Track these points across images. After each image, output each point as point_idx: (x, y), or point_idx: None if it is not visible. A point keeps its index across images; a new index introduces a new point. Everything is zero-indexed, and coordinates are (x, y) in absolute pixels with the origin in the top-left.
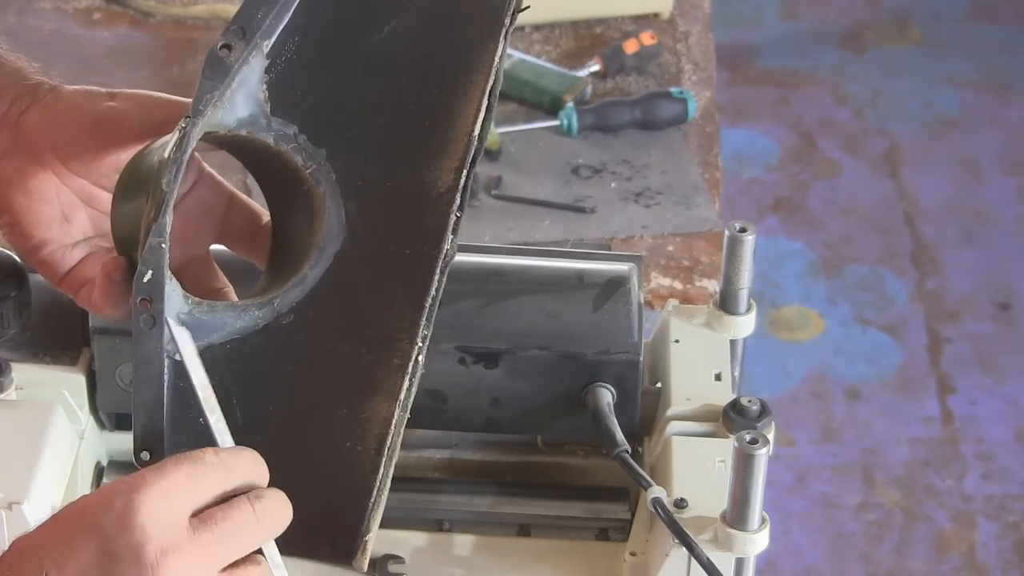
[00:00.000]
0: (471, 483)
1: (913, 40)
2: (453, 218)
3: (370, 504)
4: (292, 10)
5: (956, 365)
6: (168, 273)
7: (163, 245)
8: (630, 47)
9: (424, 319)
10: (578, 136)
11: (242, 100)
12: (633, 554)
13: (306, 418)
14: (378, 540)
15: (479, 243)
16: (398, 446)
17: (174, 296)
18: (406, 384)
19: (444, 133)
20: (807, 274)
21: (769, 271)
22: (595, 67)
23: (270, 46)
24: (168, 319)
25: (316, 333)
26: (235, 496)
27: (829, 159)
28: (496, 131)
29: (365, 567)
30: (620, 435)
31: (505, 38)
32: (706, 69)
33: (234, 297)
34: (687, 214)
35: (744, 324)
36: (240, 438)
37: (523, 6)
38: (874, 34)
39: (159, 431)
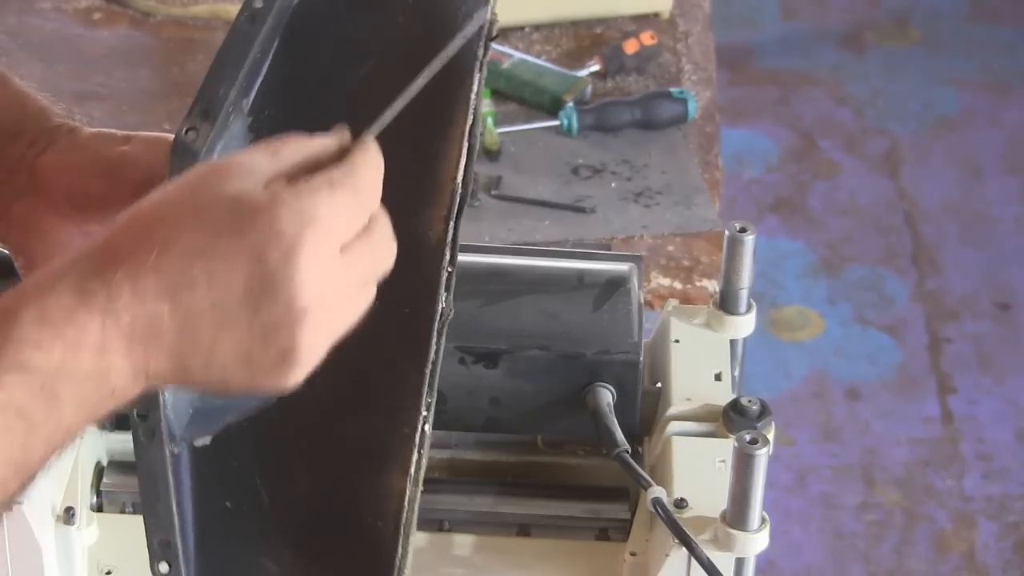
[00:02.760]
0: (471, 483)
1: (913, 40)
2: (444, 274)
3: None
4: (267, 64)
5: (956, 365)
6: None
7: None
8: (630, 47)
9: (427, 386)
10: (578, 136)
11: (232, 152)
12: (633, 554)
13: (328, 495)
14: None
15: (479, 243)
16: (414, 523)
17: (182, 388)
18: (415, 457)
19: (431, 178)
20: (807, 274)
21: (769, 271)
22: (595, 67)
23: (250, 104)
24: (170, 415)
25: (327, 403)
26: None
27: (829, 159)
28: (496, 131)
29: None
30: (620, 435)
31: (480, 70)
32: (706, 69)
33: None
34: (687, 214)
35: (744, 324)
36: (267, 518)
37: (494, 35)
38: (874, 34)
39: (175, 544)
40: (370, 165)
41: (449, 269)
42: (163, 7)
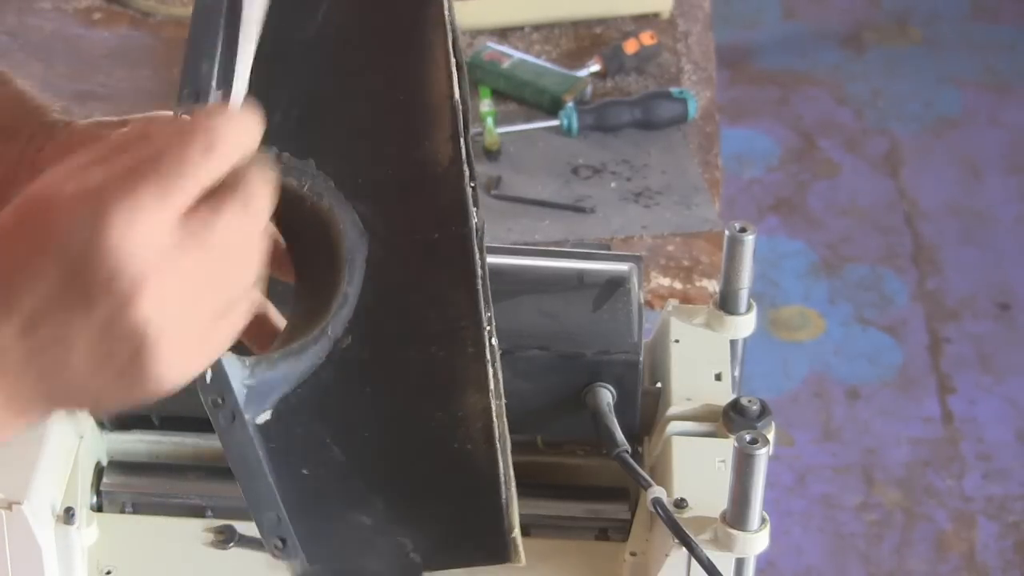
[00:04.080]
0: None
1: (913, 40)
2: (469, 190)
3: (503, 501)
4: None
5: (956, 365)
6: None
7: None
8: (630, 47)
9: (482, 300)
10: (578, 136)
11: None
12: (633, 554)
13: (405, 434)
14: None
15: None
16: (507, 435)
17: (232, 368)
18: (490, 371)
19: (423, 104)
20: (807, 274)
21: (769, 271)
22: (595, 67)
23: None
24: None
25: (379, 346)
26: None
27: (829, 159)
28: (496, 131)
29: (523, 560)
30: (620, 435)
31: None
32: (706, 69)
33: (281, 322)
34: (687, 214)
35: (744, 324)
36: (348, 474)
37: None
38: (874, 34)
39: (283, 517)
40: (211, 112)
41: (472, 184)
42: (163, 7)
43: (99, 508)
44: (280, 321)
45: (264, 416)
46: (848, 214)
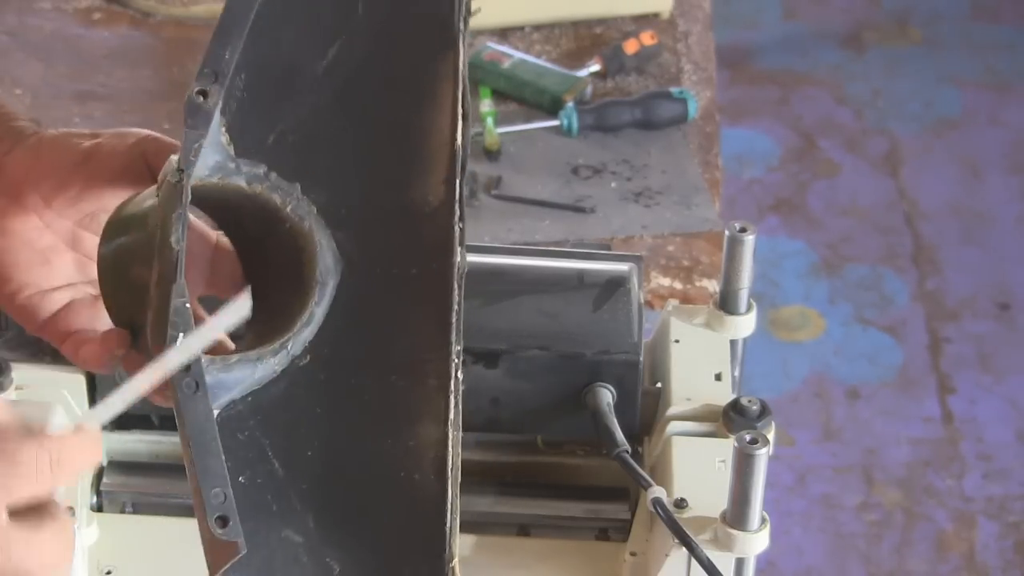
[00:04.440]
0: (471, 483)
1: (913, 40)
2: (457, 230)
3: (447, 529)
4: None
5: (956, 365)
6: (190, 304)
7: (187, 305)
8: (630, 47)
9: (454, 335)
10: (578, 136)
11: (208, 148)
12: (633, 554)
13: (350, 457)
14: None
15: (479, 243)
16: (459, 465)
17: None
18: (452, 402)
19: (423, 149)
20: (807, 274)
21: (769, 271)
22: (595, 67)
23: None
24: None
25: (337, 369)
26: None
27: (829, 159)
28: (496, 131)
29: None
30: (620, 435)
31: (463, 43)
32: (706, 69)
33: (231, 345)
34: (687, 214)
35: (744, 324)
36: (284, 489)
37: (474, 10)
38: (874, 34)
39: (231, 499)
40: (40, 443)
41: (461, 225)
42: (163, 7)
43: (99, 508)
44: None
45: None
46: (848, 214)
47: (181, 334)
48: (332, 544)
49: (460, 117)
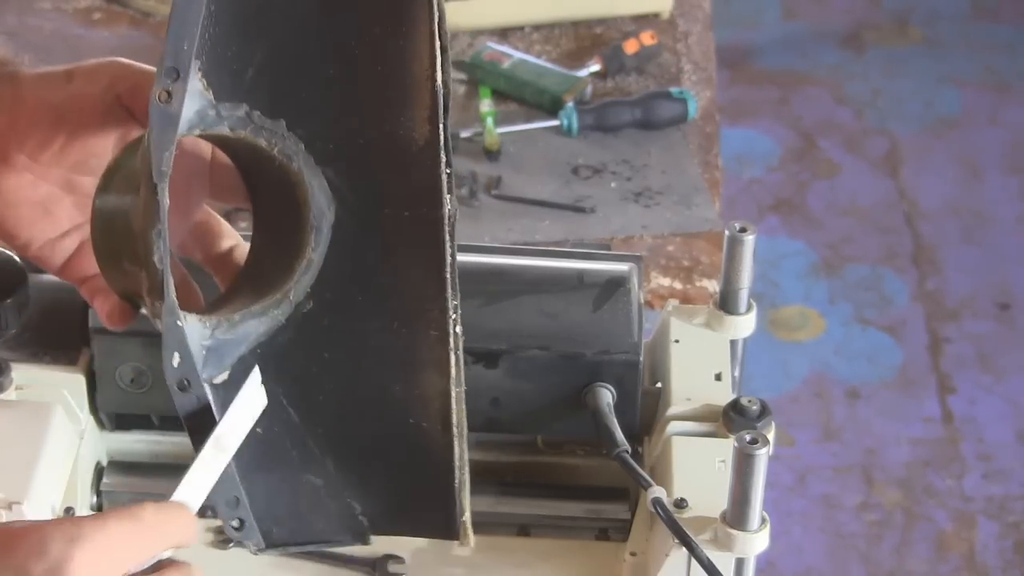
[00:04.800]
0: (471, 483)
1: (913, 40)
2: (444, 176)
3: (455, 485)
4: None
5: (956, 365)
6: (182, 316)
7: (178, 323)
8: (630, 47)
9: (449, 289)
10: (578, 136)
11: (188, 98)
12: (633, 554)
13: (361, 401)
14: (378, 540)
15: (479, 243)
16: (465, 423)
17: (194, 330)
18: (452, 358)
19: (402, 79)
20: (807, 274)
21: (769, 271)
22: (595, 67)
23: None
24: (206, 385)
25: (341, 314)
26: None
27: (829, 159)
28: (496, 131)
29: (472, 543)
30: (620, 435)
31: None
32: (706, 69)
33: (245, 249)
34: (687, 214)
35: (744, 324)
36: (301, 435)
37: None
38: (874, 34)
39: (242, 499)
40: (161, 507)
41: (448, 171)
42: (163, 7)
43: (99, 508)
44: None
45: (222, 377)
46: (848, 214)
47: (176, 354)
48: (352, 485)
49: (439, 50)
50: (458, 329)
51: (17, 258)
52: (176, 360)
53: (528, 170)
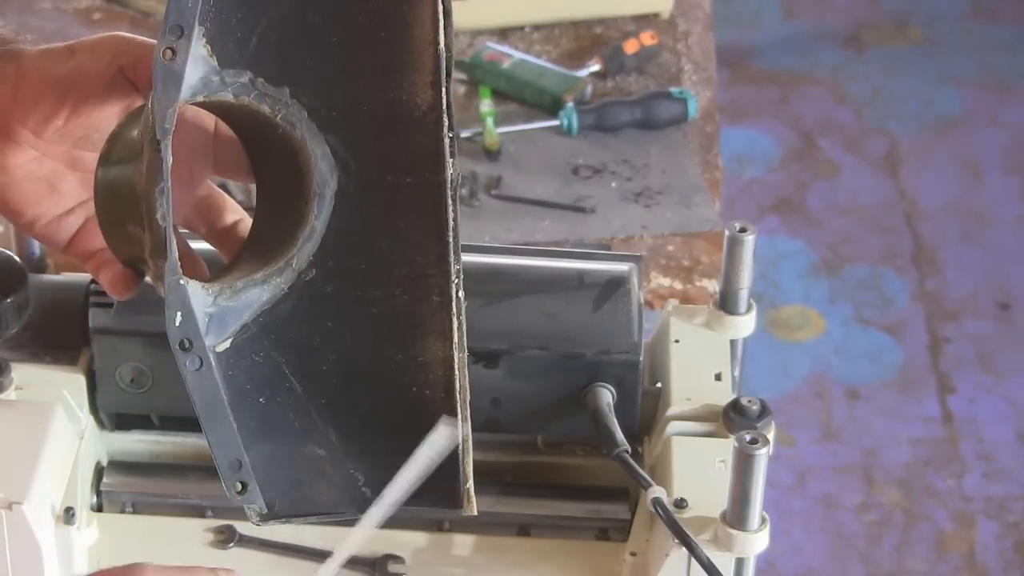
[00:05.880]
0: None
1: (913, 40)
2: (447, 140)
3: (459, 452)
4: None
5: (956, 365)
6: (184, 279)
7: (180, 281)
8: (630, 47)
9: (452, 252)
10: (578, 136)
11: (189, 67)
12: (633, 554)
13: (364, 369)
14: (377, 540)
15: (479, 243)
16: (467, 389)
17: (196, 296)
18: (455, 323)
19: (404, 44)
20: (807, 274)
21: (769, 271)
22: (595, 67)
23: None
24: (209, 352)
25: (343, 281)
26: None
27: (829, 159)
28: (496, 131)
29: (475, 511)
30: (620, 435)
31: None
32: (706, 69)
33: (249, 223)
34: (687, 214)
35: (744, 324)
36: (304, 405)
37: None
38: (874, 34)
39: (245, 462)
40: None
41: (451, 135)
42: (163, 7)
43: (99, 508)
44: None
45: (224, 345)
46: (848, 214)
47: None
48: (355, 456)
49: (441, 14)
50: (460, 294)
51: (17, 258)
52: (179, 319)
53: (528, 170)
